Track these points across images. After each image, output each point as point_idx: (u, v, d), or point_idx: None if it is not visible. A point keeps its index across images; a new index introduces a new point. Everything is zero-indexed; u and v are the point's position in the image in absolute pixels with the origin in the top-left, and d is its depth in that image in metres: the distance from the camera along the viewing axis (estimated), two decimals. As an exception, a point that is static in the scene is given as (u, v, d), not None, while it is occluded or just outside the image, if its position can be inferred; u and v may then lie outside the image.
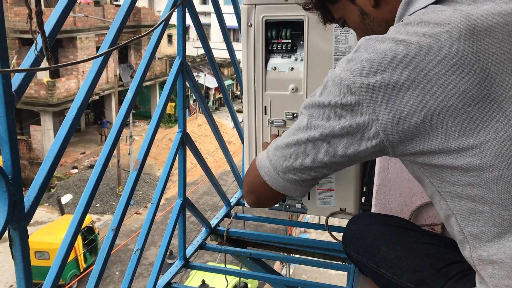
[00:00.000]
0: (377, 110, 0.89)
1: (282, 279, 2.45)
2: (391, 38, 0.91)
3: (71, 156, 19.71)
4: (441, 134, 0.87)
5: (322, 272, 12.32)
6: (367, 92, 0.89)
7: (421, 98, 0.86)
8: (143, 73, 1.70)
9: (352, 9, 1.09)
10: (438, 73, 0.85)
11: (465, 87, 0.84)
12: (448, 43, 0.85)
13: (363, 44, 0.93)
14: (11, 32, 17.67)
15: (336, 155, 0.96)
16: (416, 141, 0.89)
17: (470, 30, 0.85)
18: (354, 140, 0.93)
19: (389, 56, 0.89)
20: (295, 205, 2.07)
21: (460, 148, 0.86)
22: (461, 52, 0.85)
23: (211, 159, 19.57)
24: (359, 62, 0.91)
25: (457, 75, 0.84)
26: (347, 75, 0.91)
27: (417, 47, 0.87)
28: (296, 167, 1.01)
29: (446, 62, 0.85)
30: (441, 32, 0.87)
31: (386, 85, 0.88)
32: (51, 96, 18.17)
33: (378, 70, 0.89)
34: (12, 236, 1.11)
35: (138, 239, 1.92)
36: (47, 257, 11.36)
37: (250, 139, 2.03)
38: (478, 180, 0.86)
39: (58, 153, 1.23)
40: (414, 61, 0.87)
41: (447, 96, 0.85)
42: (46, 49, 0.91)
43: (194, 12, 2.05)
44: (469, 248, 0.92)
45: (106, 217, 15.92)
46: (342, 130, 0.93)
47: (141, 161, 1.76)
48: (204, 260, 12.61)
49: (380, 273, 1.26)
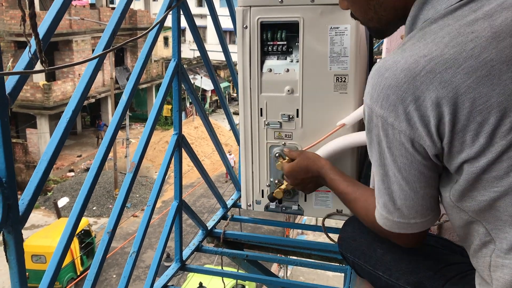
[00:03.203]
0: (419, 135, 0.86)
1: (280, 281, 2.45)
2: (408, 55, 0.85)
3: (67, 159, 19.66)
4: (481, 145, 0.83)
5: (319, 273, 12.31)
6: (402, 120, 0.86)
7: (453, 115, 0.82)
8: (138, 75, 1.69)
9: None
10: (468, 86, 0.80)
11: (497, 99, 0.79)
12: (474, 53, 0.80)
13: (378, 71, 0.89)
14: (6, 35, 17.64)
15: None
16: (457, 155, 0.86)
17: (496, 37, 0.80)
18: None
19: (410, 75, 0.83)
20: (292, 206, 2.07)
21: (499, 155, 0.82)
22: (489, 62, 0.80)
23: (207, 162, 19.55)
24: (383, 91, 0.87)
25: (488, 88, 0.79)
26: (381, 110, 0.88)
27: (441, 60, 0.82)
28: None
29: (475, 73, 0.80)
30: (465, 41, 0.81)
31: (417, 107, 0.84)
32: (47, 99, 18.14)
33: (402, 95, 0.84)
34: (6, 240, 1.11)
35: (134, 242, 1.91)
36: (44, 261, 11.33)
37: (246, 141, 2.03)
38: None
39: (52, 156, 1.23)
40: (440, 76, 0.82)
41: (478, 111, 0.80)
42: (40, 51, 0.91)
43: (189, 14, 2.05)
44: (492, 249, 0.90)
45: (103, 220, 15.87)
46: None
47: (137, 163, 1.76)
48: (201, 263, 12.59)
49: (377, 275, 1.25)
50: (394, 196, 0.97)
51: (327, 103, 1.84)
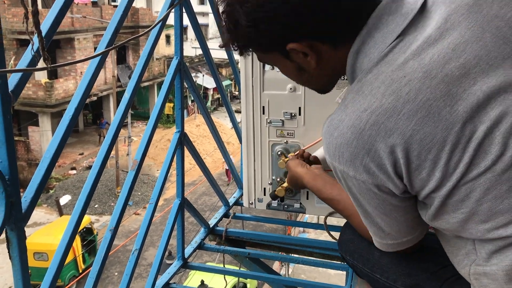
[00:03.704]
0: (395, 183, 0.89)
1: (281, 279, 2.45)
2: (351, 112, 0.87)
3: (69, 157, 19.69)
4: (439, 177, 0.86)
5: (321, 271, 12.32)
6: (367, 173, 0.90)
7: (406, 158, 0.84)
8: (140, 73, 1.69)
9: (287, 63, 0.99)
10: (412, 130, 0.82)
11: (442, 135, 0.81)
12: (411, 97, 0.82)
13: (328, 132, 0.92)
14: (8, 33, 17.64)
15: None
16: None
17: (428, 76, 0.82)
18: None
19: (356, 131, 0.86)
20: (294, 205, 2.07)
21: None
22: (426, 102, 0.81)
23: (209, 160, 19.56)
24: (337, 149, 0.90)
25: (431, 126, 0.82)
26: (340, 166, 0.91)
27: (381, 111, 0.84)
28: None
29: (416, 116, 0.82)
30: (399, 87, 0.83)
31: (371, 158, 0.87)
32: (49, 97, 18.16)
33: (354, 151, 0.87)
34: (9, 237, 1.11)
35: (136, 240, 1.91)
36: (46, 258, 11.35)
37: (248, 139, 2.03)
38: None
39: (55, 153, 1.23)
40: (384, 126, 0.84)
41: (427, 150, 0.83)
42: (43, 49, 0.91)
43: (191, 12, 2.04)
44: (473, 259, 0.92)
45: (105, 218, 15.90)
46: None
47: (139, 161, 1.76)
48: (203, 260, 12.60)
49: (375, 278, 1.26)
50: (381, 226, 1.03)
51: (329, 101, 1.83)
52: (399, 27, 0.88)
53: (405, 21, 0.88)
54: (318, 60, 0.94)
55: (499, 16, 0.85)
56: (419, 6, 0.89)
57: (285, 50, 0.93)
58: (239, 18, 0.89)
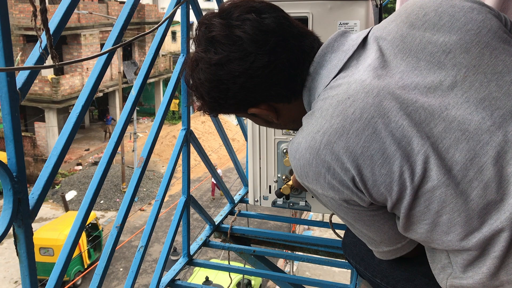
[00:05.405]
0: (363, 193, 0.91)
1: (286, 276, 2.45)
2: (306, 134, 0.92)
3: (75, 153, 19.77)
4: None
5: (325, 269, 12.32)
6: (332, 190, 0.92)
7: (360, 175, 0.87)
8: (147, 70, 1.69)
9: (256, 119, 1.11)
10: (362, 147, 0.85)
11: (391, 149, 0.84)
12: (356, 116, 0.86)
13: (291, 155, 0.96)
14: (15, 29, 17.72)
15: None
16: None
17: (370, 95, 0.86)
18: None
19: (313, 152, 0.90)
20: (299, 202, 2.07)
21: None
22: (371, 120, 0.85)
23: (214, 156, 19.59)
24: (302, 170, 0.94)
25: (379, 142, 0.85)
26: (310, 185, 0.95)
27: (332, 131, 0.88)
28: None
29: (364, 133, 0.85)
30: (345, 108, 0.87)
31: (332, 176, 0.90)
32: (56, 93, 18.22)
33: (316, 170, 0.91)
34: (16, 234, 1.12)
35: (142, 236, 1.92)
36: (52, 254, 11.43)
37: (254, 136, 2.03)
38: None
39: (62, 150, 1.24)
40: (336, 145, 0.87)
41: (379, 165, 0.85)
42: (51, 46, 0.91)
43: (198, 9, 2.04)
44: (449, 272, 0.93)
45: (110, 214, 15.98)
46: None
47: (145, 158, 1.77)
48: (208, 257, 12.64)
49: (376, 282, 1.27)
50: (370, 236, 1.05)
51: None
52: (341, 62, 0.96)
53: (346, 56, 0.96)
54: (278, 115, 1.05)
55: (432, 42, 0.90)
56: (360, 41, 0.97)
57: (249, 113, 1.05)
58: (203, 94, 1.01)
